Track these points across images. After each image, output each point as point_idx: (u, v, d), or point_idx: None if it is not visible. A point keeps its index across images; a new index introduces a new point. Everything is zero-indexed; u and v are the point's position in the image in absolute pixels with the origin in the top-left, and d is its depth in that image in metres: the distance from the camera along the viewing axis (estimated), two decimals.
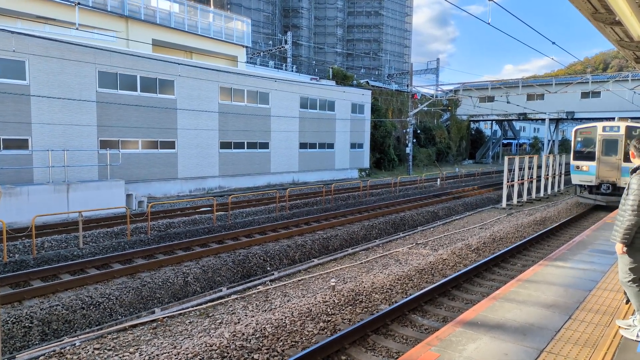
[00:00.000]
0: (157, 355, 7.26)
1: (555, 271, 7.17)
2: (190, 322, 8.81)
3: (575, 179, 21.25)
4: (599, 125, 20.43)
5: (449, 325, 5.07)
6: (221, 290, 11.02)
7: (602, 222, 11.50)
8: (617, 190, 20.39)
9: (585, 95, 54.14)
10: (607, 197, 20.29)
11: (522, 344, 4.62)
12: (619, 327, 5.07)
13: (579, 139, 21.03)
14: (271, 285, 11.19)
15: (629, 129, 19.75)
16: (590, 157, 20.50)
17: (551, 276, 6.90)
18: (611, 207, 21.29)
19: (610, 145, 20.04)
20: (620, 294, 6.19)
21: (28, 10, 26.41)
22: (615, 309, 5.62)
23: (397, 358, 7.06)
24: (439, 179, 36.36)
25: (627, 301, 5.70)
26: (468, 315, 5.33)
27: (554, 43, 17.36)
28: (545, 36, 16.24)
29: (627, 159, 18.77)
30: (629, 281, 5.12)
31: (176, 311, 9.43)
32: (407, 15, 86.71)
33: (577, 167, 20.89)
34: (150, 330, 8.44)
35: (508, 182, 23.88)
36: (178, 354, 7.19)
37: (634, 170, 5.13)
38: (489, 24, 13.91)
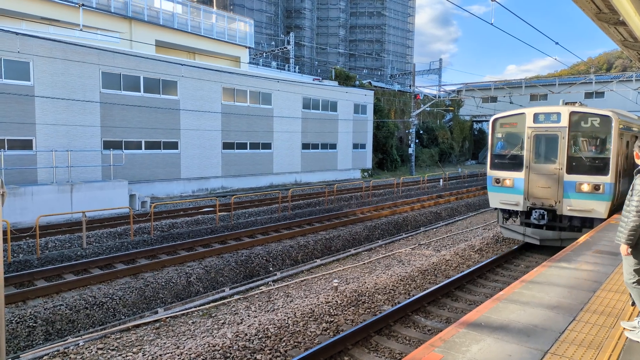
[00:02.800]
0: (160, 355, 7.26)
1: (559, 272, 7.15)
2: (193, 323, 8.82)
3: (494, 199, 13.34)
4: (528, 112, 12.71)
5: (452, 326, 5.06)
6: (224, 291, 11.03)
7: (606, 223, 11.45)
8: (557, 221, 12.38)
9: (589, 95, 53.96)
10: (541, 231, 12.58)
11: (526, 345, 4.60)
12: (624, 328, 5.04)
13: (499, 135, 13.36)
14: (274, 285, 11.19)
15: (575, 118, 12.05)
16: (515, 164, 12.87)
17: (555, 277, 6.88)
18: (549, 249, 13.53)
19: (546, 145, 12.47)
20: (625, 295, 6.16)
21: (32, 11, 26.51)
22: (620, 311, 5.59)
23: (401, 359, 7.05)
24: (441, 180, 36.30)
25: (633, 303, 5.68)
26: (472, 317, 5.31)
27: (557, 43, 17.33)
28: (548, 36, 16.21)
29: (574, 167, 11.92)
30: (633, 282, 5.09)
31: (179, 311, 9.44)
32: (410, 15, 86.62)
33: (497, 180, 13.17)
34: (154, 331, 8.45)
35: None
36: (181, 355, 7.20)
37: (639, 171, 5.10)
38: (492, 24, 13.89)
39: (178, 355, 7.18)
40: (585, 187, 11.66)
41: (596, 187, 11.53)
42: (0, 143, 20.16)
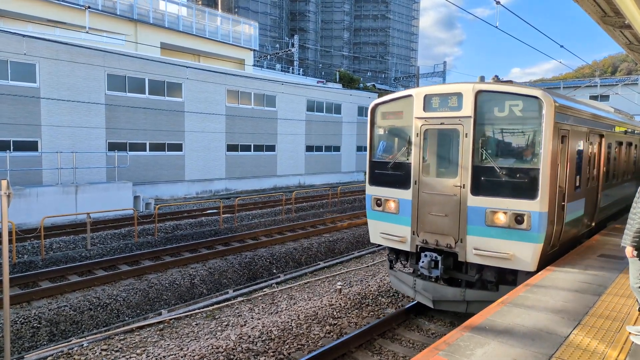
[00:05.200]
0: (164, 357, 7.28)
1: (564, 276, 7.11)
2: (196, 324, 8.83)
3: (375, 231, 8.98)
4: (417, 93, 8.21)
5: (457, 329, 5.04)
6: (227, 293, 11.03)
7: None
8: (460, 271, 7.94)
9: (593, 98, 53.68)
10: (435, 286, 8.09)
11: (530, 349, 4.58)
12: (630, 333, 5.01)
13: (381, 131, 8.98)
14: (277, 287, 11.19)
15: (484, 102, 7.53)
16: (400, 177, 8.47)
17: (560, 281, 6.85)
18: (444, 315, 8.92)
19: (442, 147, 8.05)
20: (630, 299, 6.12)
21: (39, 14, 26.71)
22: (626, 315, 5.56)
23: None
24: None
25: (639, 308, 5.64)
26: (476, 320, 5.29)
27: (562, 46, 17.25)
28: (553, 39, 16.14)
29: (484, 185, 7.42)
30: (639, 286, 5.06)
31: (183, 313, 9.45)
32: (414, 18, 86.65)
33: (378, 201, 8.84)
34: (157, 332, 8.47)
35: None
36: (185, 356, 7.20)
37: None
38: (496, 27, 13.87)
39: (182, 357, 7.19)
40: (501, 218, 7.11)
41: (518, 219, 6.98)
42: (6, 144, 20.28)
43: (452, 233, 7.69)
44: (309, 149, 36.33)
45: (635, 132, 14.22)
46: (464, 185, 7.54)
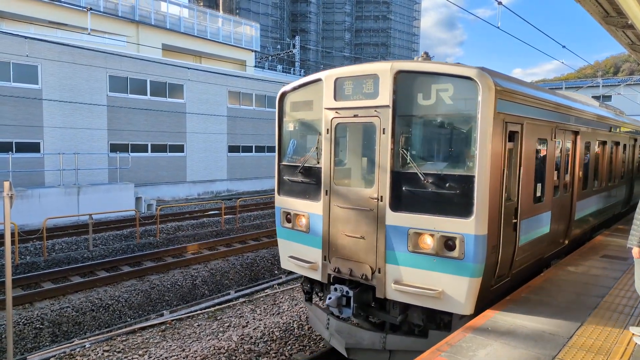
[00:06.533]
0: (165, 358, 7.28)
1: (566, 277, 7.09)
2: (198, 325, 8.83)
3: (284, 252, 7.21)
4: (328, 77, 6.32)
5: (459, 330, 5.03)
6: (229, 294, 11.04)
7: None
8: (380, 309, 6.16)
9: (595, 99, 53.57)
10: (350, 328, 6.29)
11: (533, 350, 4.57)
12: (633, 334, 4.99)
13: (290, 127, 7.28)
14: (279, 288, 11.18)
15: (405, 85, 5.65)
16: (310, 185, 6.70)
17: (563, 282, 6.83)
18: None
19: (357, 146, 6.37)
20: (633, 300, 6.10)
21: (41, 15, 26.79)
22: (629, 316, 5.54)
23: None
24: None
25: None
26: (479, 321, 5.28)
27: (564, 47, 17.18)
28: (555, 39, 16.07)
29: (406, 197, 5.64)
30: None
31: (185, 314, 9.46)
32: (415, 19, 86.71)
33: (287, 216, 7.08)
34: (159, 333, 8.47)
35: None
36: (187, 357, 7.21)
37: None
38: (498, 27, 13.84)
39: (183, 358, 7.19)
40: (428, 242, 5.48)
41: (449, 244, 5.35)
42: (8, 146, 20.33)
43: (368, 260, 5.90)
44: None
45: (626, 130, 12.39)
46: (381, 197, 5.76)
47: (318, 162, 6.46)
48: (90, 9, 19.61)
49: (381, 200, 5.76)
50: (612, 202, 11.68)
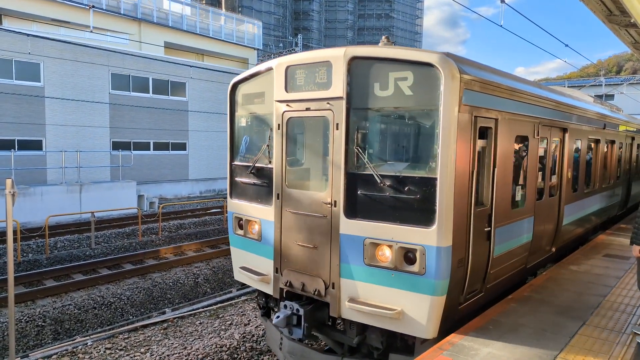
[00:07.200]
0: (167, 355, 7.30)
1: (568, 276, 7.08)
2: (200, 323, 8.84)
3: (237, 263, 6.51)
4: (279, 65, 5.64)
5: (461, 329, 5.03)
6: (231, 292, 11.05)
7: (615, 227, 11.29)
8: (335, 329, 5.72)
9: (598, 98, 53.37)
10: (303, 350, 5.66)
11: (535, 349, 4.56)
12: (635, 333, 4.98)
13: (243, 122, 6.56)
14: None
15: (359, 74, 4.98)
16: (262, 187, 6.04)
17: (565, 281, 6.81)
18: None
19: (308, 142, 5.79)
20: (635, 299, 6.09)
21: (44, 13, 26.81)
22: (631, 315, 5.53)
23: None
24: None
25: None
26: (480, 320, 5.27)
27: (567, 45, 17.10)
28: (558, 38, 16.00)
29: (361, 202, 4.98)
30: None
31: (187, 312, 9.47)
32: (418, 17, 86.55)
33: (239, 222, 6.42)
34: (161, 331, 8.49)
35: None
36: (188, 355, 7.23)
37: None
38: (501, 26, 13.80)
39: (185, 356, 7.21)
40: (386, 254, 4.87)
41: (409, 257, 4.73)
42: (10, 143, 20.37)
43: (321, 274, 5.26)
44: None
45: (622, 128, 11.79)
46: (335, 202, 5.10)
47: (270, 162, 5.81)
48: (93, 6, 19.63)
49: (335, 206, 5.10)
50: (606, 205, 11.06)
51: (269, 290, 5.87)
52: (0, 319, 8.75)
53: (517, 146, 6.13)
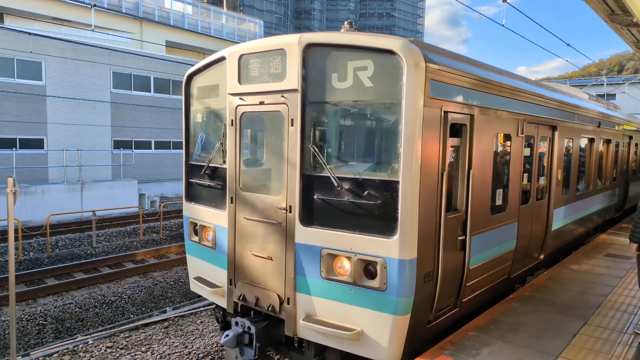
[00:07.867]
0: (168, 354, 7.30)
1: (570, 275, 7.07)
2: (201, 322, 8.84)
3: (192, 273, 6.07)
4: (232, 54, 5.15)
5: (462, 329, 5.02)
6: None
7: (617, 227, 11.27)
8: (291, 349, 5.08)
9: (600, 97, 53.25)
10: None
11: (536, 349, 4.56)
12: (636, 333, 4.98)
13: (199, 117, 6.06)
14: None
15: (315, 65, 4.45)
16: (216, 190, 5.52)
17: (566, 281, 6.80)
18: None
19: (263, 139, 5.31)
20: (637, 299, 6.08)
21: (45, 12, 26.83)
22: (632, 315, 5.52)
23: None
24: None
25: None
26: (482, 320, 5.27)
27: (568, 45, 17.10)
28: (559, 37, 15.99)
29: (319, 208, 4.45)
30: None
31: (188, 311, 9.47)
32: (419, 17, 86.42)
33: (195, 227, 5.90)
34: (162, 330, 8.49)
35: None
36: (189, 354, 7.23)
37: None
38: (502, 25, 13.78)
39: (186, 355, 7.21)
40: (345, 267, 4.39)
41: (369, 270, 4.25)
42: (12, 142, 20.40)
43: (276, 288, 4.77)
44: None
45: (619, 126, 11.26)
46: (290, 207, 4.61)
47: (224, 162, 5.29)
48: (94, 5, 19.65)
49: (290, 212, 4.58)
50: (602, 207, 10.54)
51: (223, 303, 5.38)
52: (2, 318, 8.76)
53: (497, 145, 5.65)
